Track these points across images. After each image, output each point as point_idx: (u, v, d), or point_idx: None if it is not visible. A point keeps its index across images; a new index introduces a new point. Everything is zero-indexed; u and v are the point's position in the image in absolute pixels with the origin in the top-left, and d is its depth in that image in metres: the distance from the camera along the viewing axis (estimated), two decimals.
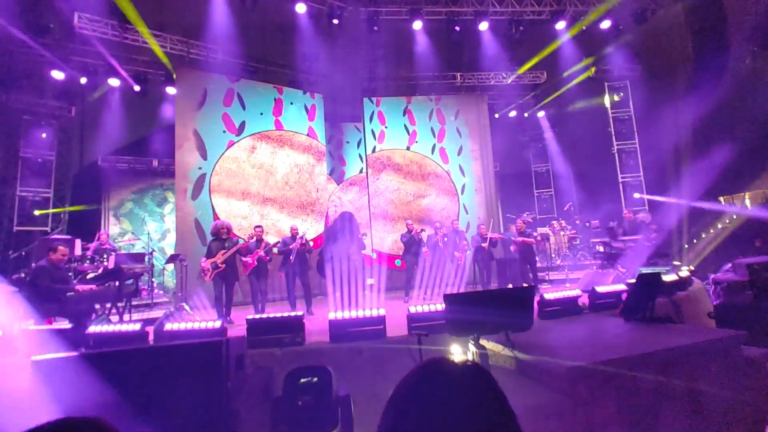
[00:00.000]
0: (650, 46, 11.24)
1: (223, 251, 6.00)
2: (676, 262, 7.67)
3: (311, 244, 7.81)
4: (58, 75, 9.03)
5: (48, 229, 9.36)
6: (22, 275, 7.01)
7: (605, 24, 10.44)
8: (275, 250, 6.70)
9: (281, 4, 9.37)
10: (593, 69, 11.61)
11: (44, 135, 9.58)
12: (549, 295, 4.96)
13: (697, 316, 5.73)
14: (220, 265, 5.95)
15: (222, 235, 6.19)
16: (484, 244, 7.77)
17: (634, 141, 11.61)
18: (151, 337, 4.57)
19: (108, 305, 6.17)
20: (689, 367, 2.93)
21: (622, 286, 5.52)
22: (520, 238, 7.73)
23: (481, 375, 0.67)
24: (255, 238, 6.44)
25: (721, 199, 11.36)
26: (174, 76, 9.34)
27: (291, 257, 6.58)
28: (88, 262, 7.73)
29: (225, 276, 6.02)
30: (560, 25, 10.49)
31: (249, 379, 3.18)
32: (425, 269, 7.87)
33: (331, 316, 4.38)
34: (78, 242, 7.87)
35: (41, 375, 2.32)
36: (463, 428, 0.60)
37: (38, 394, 2.23)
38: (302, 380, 2.62)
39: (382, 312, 4.43)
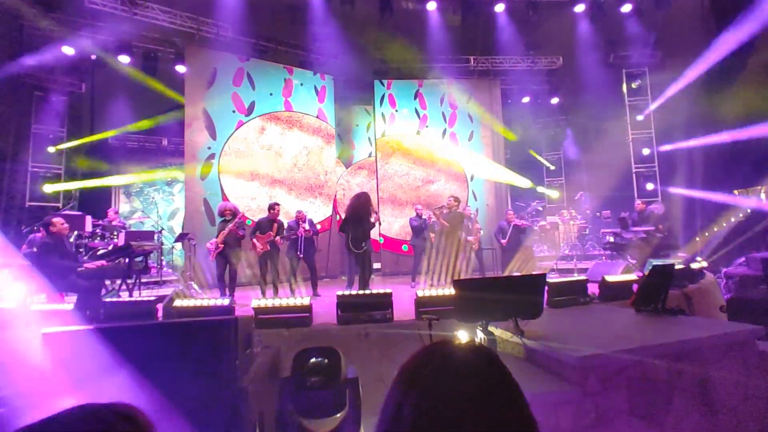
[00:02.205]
0: (672, 32, 10.86)
1: (222, 232, 6.09)
2: (688, 254, 7.55)
3: (318, 227, 7.79)
4: (68, 50, 8.98)
5: (60, 205, 9.46)
6: (34, 249, 7.09)
7: (626, 8, 10.09)
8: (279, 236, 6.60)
9: None
10: (612, 56, 11.28)
11: (55, 111, 9.60)
12: (554, 280, 4.95)
13: (708, 310, 5.66)
14: (219, 245, 6.01)
15: (227, 216, 6.24)
16: (503, 241, 7.82)
17: (651, 131, 11.34)
18: (160, 314, 4.62)
19: (118, 282, 6.24)
20: (702, 361, 2.89)
21: (632, 277, 5.46)
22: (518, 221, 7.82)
23: (488, 356, 0.66)
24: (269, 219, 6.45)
25: (736, 192, 11.11)
26: (184, 54, 9.25)
27: (299, 252, 6.54)
28: (98, 238, 7.81)
29: (225, 256, 6.07)
30: (579, 7, 10.16)
31: (257, 358, 3.19)
32: (432, 255, 7.83)
33: (339, 294, 4.41)
34: (88, 218, 7.93)
35: (52, 347, 2.35)
36: (470, 407, 0.58)
37: (49, 366, 2.25)
38: (312, 361, 2.62)
39: (388, 291, 4.45)
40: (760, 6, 8.89)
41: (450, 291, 4.35)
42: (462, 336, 3.52)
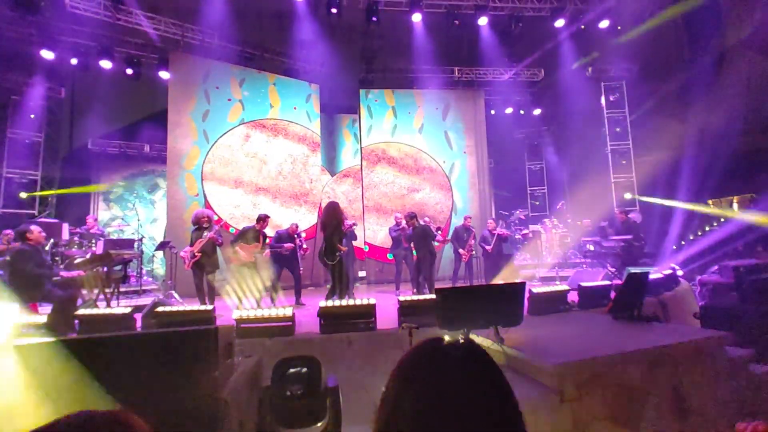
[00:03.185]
0: (647, 47, 11.27)
1: (199, 240, 5.93)
2: (663, 262, 7.77)
3: (304, 235, 7.75)
4: (47, 55, 8.81)
5: (35, 212, 9.21)
6: (8, 258, 6.89)
7: (603, 23, 10.43)
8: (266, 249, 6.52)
9: None
10: (590, 69, 11.63)
11: (33, 116, 9.39)
12: (538, 290, 5.01)
13: (683, 316, 5.82)
14: (196, 254, 5.86)
15: (203, 224, 6.05)
16: (488, 247, 7.89)
17: (628, 142, 11.68)
18: (138, 324, 4.53)
19: (95, 291, 6.09)
20: (675, 366, 2.98)
21: (609, 283, 5.59)
22: (499, 230, 7.93)
23: (477, 353, 0.70)
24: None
25: (710, 202, 11.52)
26: (168, 60, 9.17)
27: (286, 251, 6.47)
28: (75, 246, 7.62)
29: (202, 266, 5.93)
30: (559, 22, 10.46)
31: (237, 368, 3.16)
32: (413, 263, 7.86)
33: (322, 304, 4.38)
34: (65, 226, 7.74)
35: (24, 360, 2.28)
36: (461, 404, 0.62)
37: (21, 380, 2.19)
38: (291, 370, 2.61)
39: (372, 301, 4.44)
40: (728, 25, 9.32)
41: (432, 296, 4.39)
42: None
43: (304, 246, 6.81)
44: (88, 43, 9.11)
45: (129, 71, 9.66)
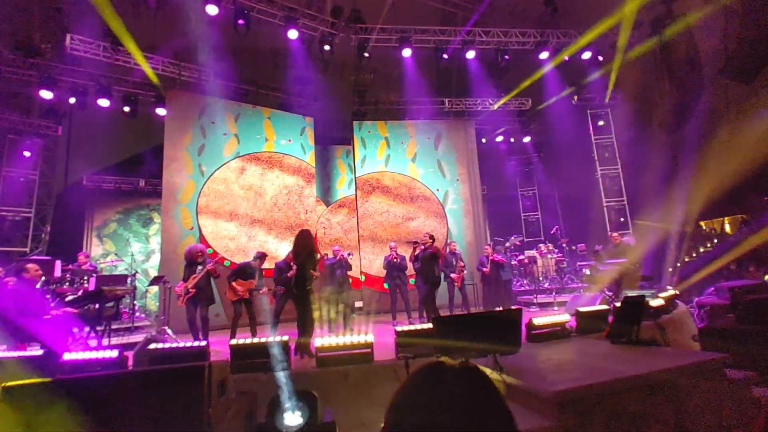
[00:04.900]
0: (628, 77, 11.72)
1: (194, 276, 5.84)
2: (661, 286, 7.77)
3: None
4: (46, 95, 9.00)
5: (27, 249, 9.12)
6: None
7: (586, 55, 10.88)
8: (262, 288, 6.46)
9: (273, 30, 9.57)
10: (575, 98, 12.03)
11: (27, 153, 9.47)
12: (538, 320, 4.96)
13: (683, 339, 5.78)
14: (190, 290, 5.77)
15: (197, 260, 5.96)
16: (485, 269, 7.91)
17: (617, 166, 11.93)
18: (130, 362, 4.41)
19: (86, 329, 5.96)
20: (675, 390, 2.94)
21: (606, 307, 5.57)
22: (495, 256, 7.99)
23: (478, 376, 0.71)
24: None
25: (702, 223, 11.66)
26: (164, 97, 9.39)
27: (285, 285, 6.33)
28: (67, 284, 7.51)
29: (196, 301, 5.83)
30: (544, 55, 10.91)
31: (232, 405, 3.08)
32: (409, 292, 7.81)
33: (318, 342, 4.30)
34: (58, 263, 7.66)
35: (12, 402, 2.22)
36: (464, 422, 0.63)
37: (10, 422, 2.12)
38: (286, 406, 2.55)
39: (370, 339, 4.35)
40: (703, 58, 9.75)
41: (429, 326, 4.34)
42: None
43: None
44: (86, 83, 9.33)
45: (126, 109, 9.86)
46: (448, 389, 0.67)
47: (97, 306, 6.09)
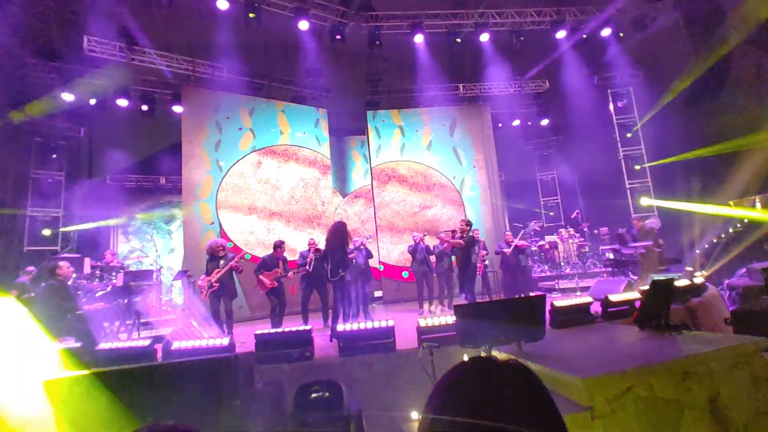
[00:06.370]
0: (651, 53, 11.25)
1: (217, 270, 5.93)
2: (688, 268, 7.54)
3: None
4: (68, 97, 9.22)
5: (58, 248, 9.45)
6: (32, 295, 7.05)
7: (606, 32, 10.48)
8: (288, 272, 6.55)
9: (284, 22, 9.53)
10: (596, 78, 11.64)
11: (54, 156, 9.77)
12: (560, 303, 4.88)
13: (714, 323, 5.61)
14: (213, 284, 5.87)
15: (218, 254, 6.05)
16: (507, 250, 7.79)
17: (640, 147, 11.55)
18: (159, 354, 4.55)
19: (117, 323, 6.17)
20: (710, 376, 2.85)
21: (635, 294, 5.43)
22: (517, 241, 7.82)
23: (528, 373, 0.69)
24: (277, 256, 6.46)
25: (731, 203, 11.21)
26: (180, 95, 9.51)
27: (308, 267, 6.48)
28: (97, 280, 7.77)
29: (219, 294, 5.93)
30: (561, 34, 10.55)
31: (258, 395, 3.13)
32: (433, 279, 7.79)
33: (339, 327, 4.34)
34: (87, 261, 7.92)
35: (53, 396, 2.31)
36: (507, 415, 0.61)
37: (50, 416, 2.21)
38: (313, 395, 2.58)
39: (390, 323, 4.37)
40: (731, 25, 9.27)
41: (451, 317, 4.32)
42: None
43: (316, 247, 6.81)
44: (105, 84, 9.51)
45: (144, 108, 10.04)
46: (495, 386, 0.64)
47: (125, 300, 6.28)
